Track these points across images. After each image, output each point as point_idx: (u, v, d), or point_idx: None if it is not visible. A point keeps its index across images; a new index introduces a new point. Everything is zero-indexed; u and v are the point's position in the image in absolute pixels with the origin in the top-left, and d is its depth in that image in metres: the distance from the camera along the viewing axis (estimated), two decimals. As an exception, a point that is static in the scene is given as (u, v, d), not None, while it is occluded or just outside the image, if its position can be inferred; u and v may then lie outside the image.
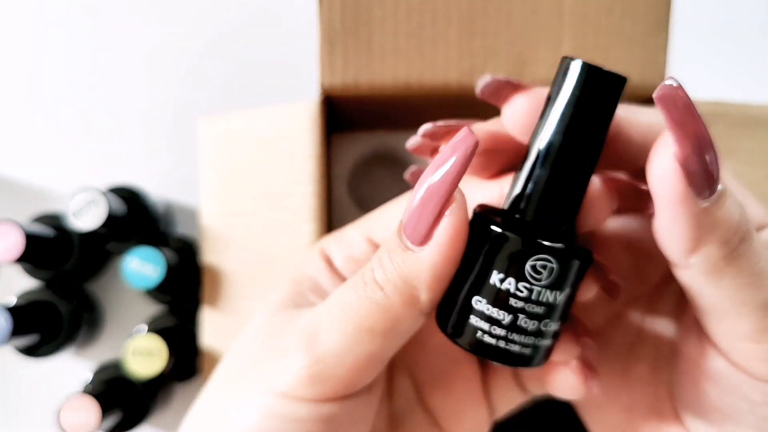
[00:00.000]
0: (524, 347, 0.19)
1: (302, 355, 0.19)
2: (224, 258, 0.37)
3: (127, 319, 0.46)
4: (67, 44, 0.49)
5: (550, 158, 0.18)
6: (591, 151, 0.18)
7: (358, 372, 0.19)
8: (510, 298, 0.18)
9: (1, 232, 0.37)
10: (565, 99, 0.18)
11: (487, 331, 0.19)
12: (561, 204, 0.19)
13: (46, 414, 0.44)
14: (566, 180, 0.18)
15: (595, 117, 0.18)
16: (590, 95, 0.17)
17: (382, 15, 0.34)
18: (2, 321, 0.36)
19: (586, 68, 0.17)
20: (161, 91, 0.49)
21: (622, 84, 0.18)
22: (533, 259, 0.18)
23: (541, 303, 0.18)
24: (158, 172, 0.48)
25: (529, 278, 0.18)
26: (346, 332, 0.19)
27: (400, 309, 0.19)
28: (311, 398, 0.20)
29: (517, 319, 0.18)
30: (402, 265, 0.19)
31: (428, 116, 0.41)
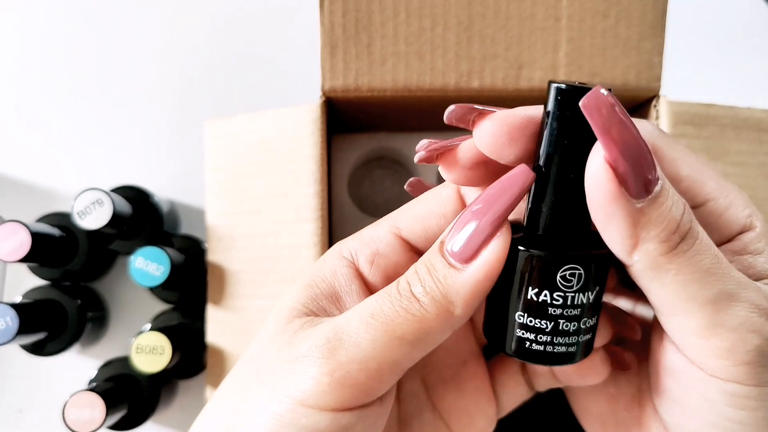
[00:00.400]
0: (569, 347, 0.21)
1: (324, 361, 0.19)
2: (229, 257, 0.37)
3: (132, 317, 0.46)
4: (74, 46, 0.50)
5: (553, 176, 0.20)
6: None
7: (380, 379, 0.20)
8: (548, 308, 0.20)
9: (8, 231, 0.37)
10: (554, 121, 0.19)
11: (534, 340, 0.21)
12: (573, 213, 0.20)
13: (52, 411, 0.44)
14: (572, 193, 0.20)
15: (587, 133, 0.18)
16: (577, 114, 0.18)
17: (382, 20, 0.35)
18: (9, 319, 0.37)
19: (565, 91, 0.19)
20: (165, 94, 0.49)
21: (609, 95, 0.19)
22: (562, 271, 0.20)
23: (576, 306, 0.20)
24: (163, 172, 0.48)
25: (562, 287, 0.20)
26: (375, 339, 0.20)
27: (433, 321, 0.20)
28: (329, 406, 0.19)
29: (558, 324, 0.20)
30: (443, 280, 0.20)
31: (427, 119, 0.41)
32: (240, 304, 0.37)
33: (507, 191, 0.20)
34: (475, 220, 0.20)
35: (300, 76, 0.46)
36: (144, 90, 0.49)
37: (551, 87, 0.19)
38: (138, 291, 0.46)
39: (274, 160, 0.37)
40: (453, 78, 0.35)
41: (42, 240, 0.38)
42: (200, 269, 0.42)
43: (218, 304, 0.37)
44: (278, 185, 0.36)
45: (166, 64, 0.50)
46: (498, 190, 0.20)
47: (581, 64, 0.35)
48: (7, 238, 0.37)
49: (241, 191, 0.38)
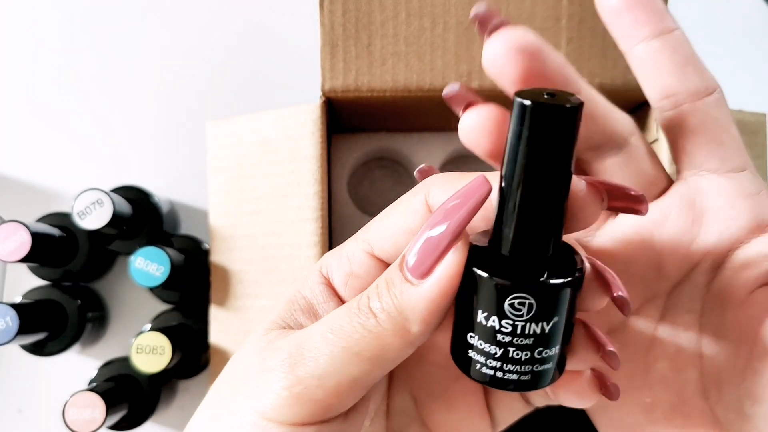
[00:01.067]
0: (522, 375, 0.19)
1: (284, 375, 0.20)
2: (231, 257, 0.37)
3: (132, 317, 0.46)
4: (74, 47, 0.50)
5: (516, 195, 0.18)
6: (557, 181, 0.18)
7: (339, 396, 0.20)
8: (497, 334, 0.19)
9: (8, 231, 0.37)
10: (517, 138, 0.18)
11: (484, 364, 0.20)
12: (539, 234, 0.19)
13: (52, 411, 0.44)
14: (537, 213, 0.18)
15: (553, 149, 0.18)
16: (540, 131, 0.17)
17: (382, 20, 0.35)
18: (9, 319, 0.37)
19: (530, 108, 0.17)
20: (164, 94, 0.49)
21: (574, 113, 0.17)
22: (510, 299, 0.18)
23: (528, 335, 0.19)
24: (163, 173, 0.48)
25: (510, 315, 0.18)
26: (333, 355, 0.19)
27: (390, 338, 0.19)
28: (288, 421, 0.20)
29: (508, 352, 0.19)
30: (400, 296, 0.19)
31: (427, 119, 0.41)
32: (242, 304, 0.37)
33: (462, 205, 0.19)
34: (430, 234, 0.19)
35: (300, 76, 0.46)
36: (143, 90, 0.49)
37: (515, 101, 0.18)
38: (138, 291, 0.46)
39: (275, 160, 0.37)
40: (453, 78, 0.35)
41: (42, 240, 0.38)
42: (200, 269, 0.42)
43: (221, 304, 0.37)
44: (279, 185, 0.36)
45: (165, 65, 0.50)
46: (454, 203, 0.19)
47: (581, 65, 0.35)
48: (8, 238, 0.37)
49: (242, 192, 0.38)
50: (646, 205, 0.19)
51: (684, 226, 0.22)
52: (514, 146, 0.18)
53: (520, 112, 0.17)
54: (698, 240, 0.22)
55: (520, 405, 0.25)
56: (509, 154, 0.18)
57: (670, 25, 0.22)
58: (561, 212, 0.19)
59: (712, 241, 0.22)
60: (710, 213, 0.22)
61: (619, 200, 0.20)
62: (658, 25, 0.22)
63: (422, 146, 0.44)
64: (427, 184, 0.22)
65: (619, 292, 0.19)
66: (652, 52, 0.22)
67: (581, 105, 0.17)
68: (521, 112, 0.17)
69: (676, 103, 0.22)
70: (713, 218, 0.22)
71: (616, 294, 0.19)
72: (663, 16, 0.22)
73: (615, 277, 0.20)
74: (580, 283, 0.19)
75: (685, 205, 0.22)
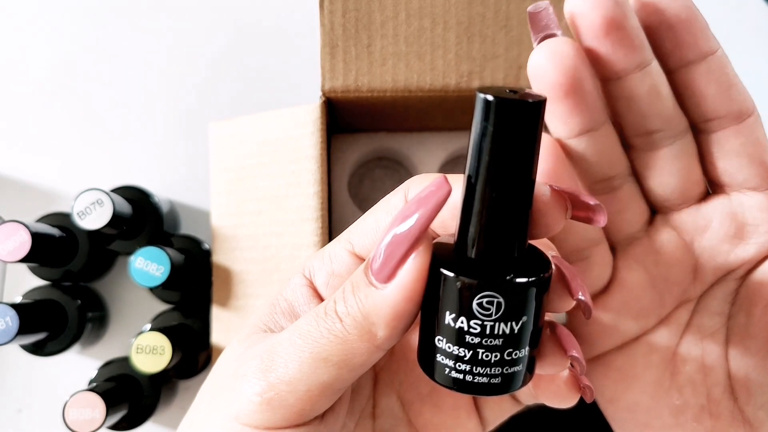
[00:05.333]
0: (493, 378, 0.19)
1: (256, 381, 0.20)
2: (233, 257, 0.37)
3: (132, 317, 0.46)
4: (74, 47, 0.50)
5: (481, 194, 0.18)
6: (522, 178, 0.18)
7: (311, 401, 0.20)
8: (466, 336, 0.19)
9: (8, 231, 0.37)
10: (481, 134, 0.17)
11: (453, 368, 0.19)
12: (503, 233, 0.18)
13: (52, 411, 0.44)
14: (502, 211, 0.18)
15: (515, 146, 0.17)
16: (503, 127, 0.17)
17: (382, 20, 0.35)
18: (9, 319, 0.37)
19: (494, 103, 0.17)
20: (164, 94, 0.49)
21: (537, 108, 0.17)
22: (478, 298, 0.18)
23: (497, 336, 0.18)
24: (163, 173, 0.48)
25: (479, 315, 0.18)
26: (301, 360, 0.19)
27: (356, 342, 0.19)
28: (261, 426, 0.20)
29: (478, 354, 0.19)
30: (364, 300, 0.19)
31: (427, 119, 0.41)
32: (244, 303, 0.37)
33: (421, 206, 0.18)
34: (391, 238, 0.18)
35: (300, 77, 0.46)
36: (143, 90, 0.49)
37: (477, 97, 0.17)
38: (138, 291, 0.46)
39: (276, 160, 0.37)
40: (453, 78, 0.35)
41: (42, 240, 0.38)
42: (200, 269, 0.42)
43: (223, 304, 0.37)
44: (280, 186, 0.36)
45: (165, 65, 0.50)
46: (414, 204, 0.18)
47: (581, 64, 0.35)
48: (8, 238, 0.37)
49: (244, 192, 0.38)
50: (605, 216, 0.19)
51: (725, 236, 0.23)
52: (477, 143, 0.17)
53: (484, 108, 0.17)
54: (737, 250, 0.23)
55: (509, 404, 0.25)
56: (472, 152, 0.18)
57: (713, 45, 0.22)
58: (526, 212, 0.19)
59: (751, 253, 0.23)
60: (751, 226, 0.23)
61: (579, 210, 0.20)
62: (703, 48, 0.22)
63: (422, 146, 0.44)
64: (407, 183, 0.22)
65: (579, 295, 0.19)
66: (698, 77, 0.22)
67: (544, 101, 0.17)
68: (485, 108, 0.17)
69: (720, 126, 0.22)
70: (754, 231, 0.23)
71: (576, 297, 0.19)
72: (707, 36, 0.22)
73: (578, 279, 0.20)
74: (547, 283, 0.19)
75: (726, 216, 0.23)
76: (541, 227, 0.19)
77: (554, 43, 0.21)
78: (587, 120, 0.21)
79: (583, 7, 0.20)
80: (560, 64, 0.20)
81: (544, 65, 0.21)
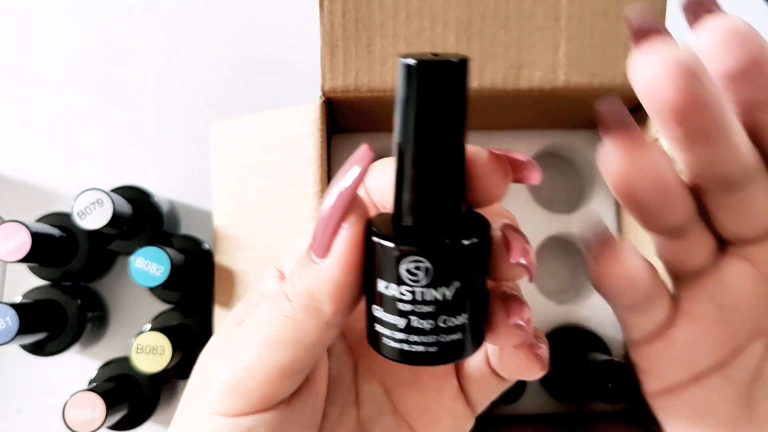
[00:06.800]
0: (429, 346, 0.19)
1: (221, 370, 0.20)
2: (234, 257, 0.37)
3: (132, 317, 0.46)
4: (73, 47, 0.50)
5: (410, 159, 0.18)
6: (449, 142, 0.18)
7: (272, 385, 0.20)
8: (398, 303, 0.18)
9: (8, 231, 0.37)
10: (405, 98, 0.17)
11: (390, 337, 0.19)
12: (435, 198, 0.18)
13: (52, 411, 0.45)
14: (432, 176, 0.18)
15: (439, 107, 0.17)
16: (426, 89, 0.17)
17: (382, 20, 0.35)
18: (9, 319, 0.37)
19: (414, 66, 0.17)
20: (164, 94, 0.49)
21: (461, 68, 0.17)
22: (405, 263, 0.18)
23: (428, 302, 0.18)
24: (163, 172, 0.48)
25: (408, 282, 0.18)
26: (258, 344, 0.20)
27: (305, 321, 0.19)
28: (227, 412, 0.20)
29: (411, 322, 0.18)
30: (307, 277, 0.19)
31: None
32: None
33: (347, 177, 0.18)
34: (322, 212, 0.19)
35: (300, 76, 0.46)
36: (143, 90, 0.49)
37: (399, 63, 0.17)
38: (138, 291, 0.46)
39: (276, 161, 0.37)
40: (453, 78, 0.35)
41: (42, 240, 0.38)
42: (200, 269, 0.42)
43: (225, 305, 0.37)
44: (280, 186, 0.36)
45: (165, 65, 0.50)
46: (340, 175, 0.18)
47: (581, 64, 0.35)
48: (8, 238, 0.37)
49: (245, 192, 0.38)
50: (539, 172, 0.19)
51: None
52: (403, 108, 0.17)
53: (406, 72, 0.17)
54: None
55: (494, 382, 0.24)
56: (399, 117, 0.18)
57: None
58: (458, 176, 0.18)
59: None
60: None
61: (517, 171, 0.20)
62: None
63: (422, 146, 0.44)
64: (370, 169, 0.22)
65: (518, 258, 0.19)
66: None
67: (467, 60, 0.17)
68: (407, 72, 0.17)
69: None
70: None
71: (512, 260, 0.19)
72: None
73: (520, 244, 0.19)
74: (480, 247, 0.18)
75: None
76: (483, 192, 0.19)
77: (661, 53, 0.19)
78: None
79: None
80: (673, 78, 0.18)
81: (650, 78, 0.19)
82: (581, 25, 0.35)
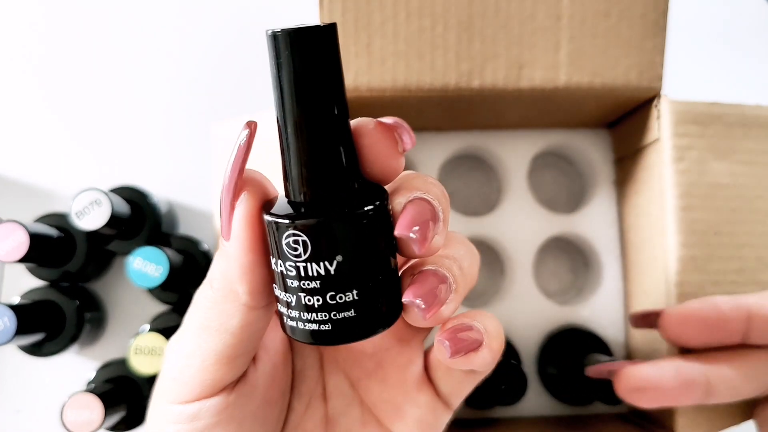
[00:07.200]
0: (321, 324, 0.18)
1: (170, 359, 0.21)
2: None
3: (130, 318, 0.46)
4: (72, 46, 0.50)
5: (288, 132, 0.18)
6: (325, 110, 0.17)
7: (208, 371, 0.20)
8: (287, 280, 0.18)
9: (6, 231, 0.37)
10: (276, 70, 0.17)
11: (287, 315, 0.19)
12: (318, 171, 0.18)
13: (50, 412, 0.44)
14: (312, 147, 0.18)
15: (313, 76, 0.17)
16: (294, 58, 0.17)
17: (381, 19, 0.35)
18: (7, 320, 0.36)
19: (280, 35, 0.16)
20: (163, 94, 0.49)
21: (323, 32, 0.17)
22: (284, 237, 0.17)
23: (312, 277, 0.18)
24: (161, 173, 0.48)
25: (290, 256, 0.18)
26: (192, 332, 0.20)
27: (225, 304, 0.19)
28: (177, 401, 0.21)
29: (300, 299, 0.18)
30: (220, 260, 0.20)
31: (427, 119, 0.41)
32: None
33: (232, 156, 0.18)
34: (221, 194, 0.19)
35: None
36: (142, 90, 0.49)
37: (266, 35, 0.17)
38: (136, 292, 0.46)
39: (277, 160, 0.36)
40: (453, 78, 0.35)
41: (40, 240, 0.38)
42: (199, 270, 0.42)
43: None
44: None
45: (164, 65, 0.49)
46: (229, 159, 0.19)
47: (582, 64, 0.35)
48: (5, 239, 0.37)
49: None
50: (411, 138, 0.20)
51: None
52: (276, 81, 0.17)
53: (273, 44, 0.17)
54: None
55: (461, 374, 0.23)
56: (274, 92, 0.17)
57: None
58: (340, 146, 0.18)
59: None
60: None
61: None
62: None
63: (422, 146, 0.44)
64: None
65: (403, 231, 0.18)
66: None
67: (332, 26, 0.17)
68: (273, 44, 0.17)
69: None
70: None
71: (396, 232, 0.18)
72: None
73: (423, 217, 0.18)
74: (363, 219, 0.18)
75: None
76: (375, 163, 0.19)
77: None
78: None
79: None
80: None
81: None
82: (582, 24, 0.35)
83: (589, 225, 0.44)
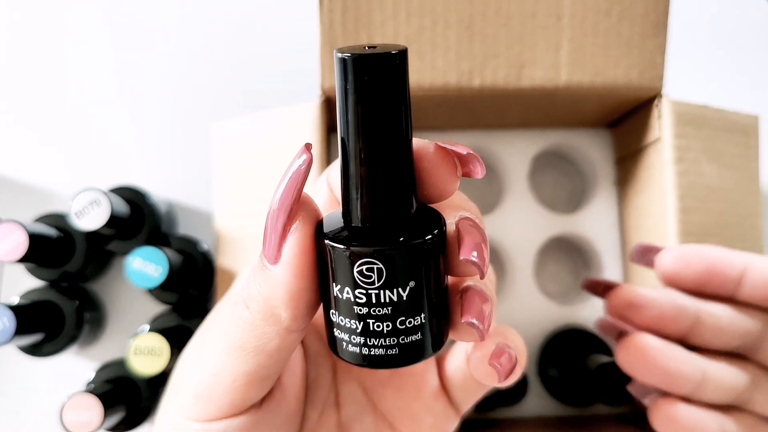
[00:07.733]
0: (390, 349, 0.18)
1: (191, 377, 0.20)
2: (237, 259, 0.37)
3: (129, 318, 0.46)
4: (71, 46, 0.49)
5: (354, 158, 0.17)
6: (394, 136, 0.17)
7: (239, 391, 0.20)
8: (354, 307, 0.18)
9: (5, 231, 0.37)
10: (343, 94, 0.17)
11: (349, 341, 0.19)
12: (382, 196, 0.18)
13: (49, 413, 0.44)
14: (377, 173, 0.17)
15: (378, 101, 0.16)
16: (363, 83, 0.16)
17: (382, 18, 0.35)
18: (6, 320, 0.36)
19: (349, 60, 0.16)
20: (162, 94, 0.49)
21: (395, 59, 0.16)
22: (357, 266, 0.17)
23: (384, 304, 0.18)
24: (161, 173, 0.48)
25: (361, 284, 0.18)
26: (221, 351, 0.20)
27: (264, 327, 0.19)
28: (199, 418, 0.20)
29: (369, 325, 0.18)
30: (262, 284, 0.19)
31: (427, 118, 0.41)
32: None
33: (288, 181, 0.18)
34: (269, 218, 0.18)
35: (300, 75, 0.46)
36: (141, 90, 0.49)
37: (335, 57, 0.16)
38: (136, 292, 0.46)
39: (276, 160, 0.36)
40: (454, 77, 0.35)
41: (39, 240, 0.38)
42: (199, 270, 0.42)
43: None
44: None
45: (163, 65, 0.49)
46: (281, 179, 0.18)
47: (583, 63, 0.35)
48: (4, 239, 0.37)
49: (246, 193, 0.37)
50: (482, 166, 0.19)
51: None
52: (342, 104, 0.17)
53: (342, 68, 0.16)
54: None
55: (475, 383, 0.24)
56: (340, 114, 0.17)
57: None
58: (404, 173, 0.18)
59: None
60: None
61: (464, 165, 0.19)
62: None
63: (422, 146, 0.44)
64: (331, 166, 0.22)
65: (468, 255, 0.18)
66: None
67: (403, 51, 0.16)
68: (343, 68, 0.16)
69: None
70: None
71: (462, 257, 0.18)
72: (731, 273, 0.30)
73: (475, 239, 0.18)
74: (432, 244, 0.18)
75: None
76: (432, 187, 0.19)
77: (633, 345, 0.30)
78: None
79: None
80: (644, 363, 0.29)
81: None
82: (583, 24, 0.35)
83: (589, 225, 0.44)
